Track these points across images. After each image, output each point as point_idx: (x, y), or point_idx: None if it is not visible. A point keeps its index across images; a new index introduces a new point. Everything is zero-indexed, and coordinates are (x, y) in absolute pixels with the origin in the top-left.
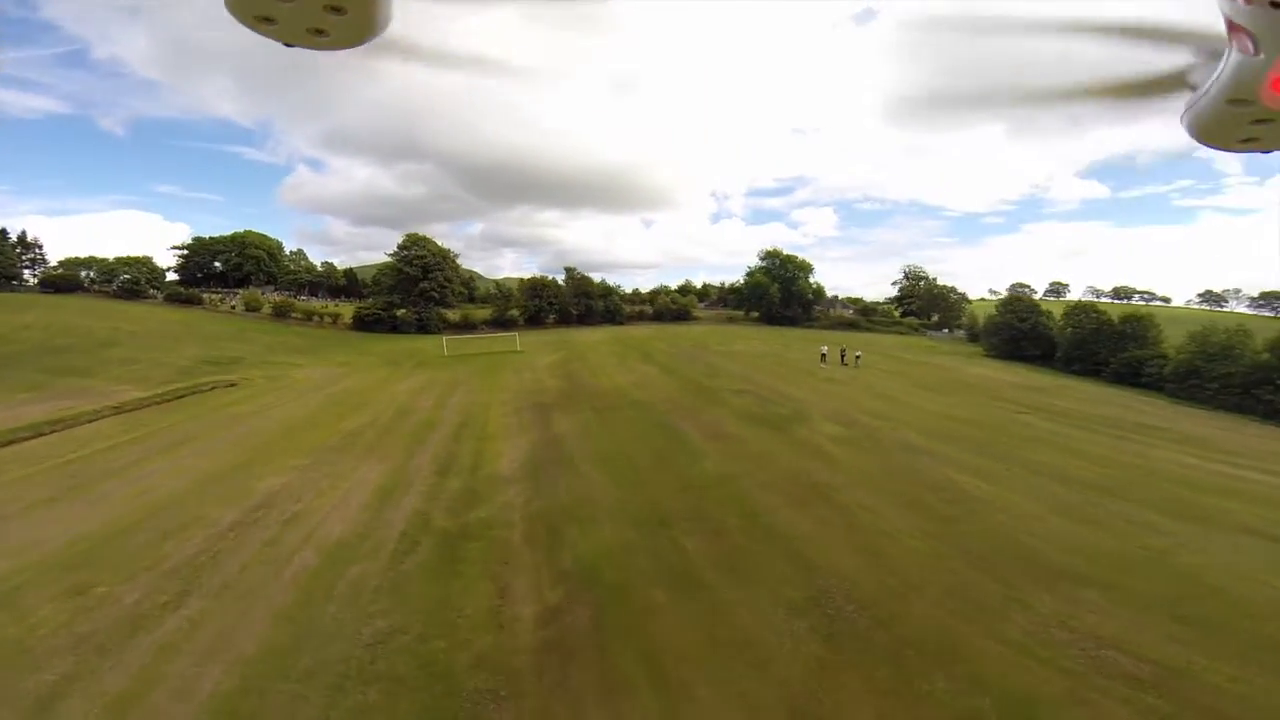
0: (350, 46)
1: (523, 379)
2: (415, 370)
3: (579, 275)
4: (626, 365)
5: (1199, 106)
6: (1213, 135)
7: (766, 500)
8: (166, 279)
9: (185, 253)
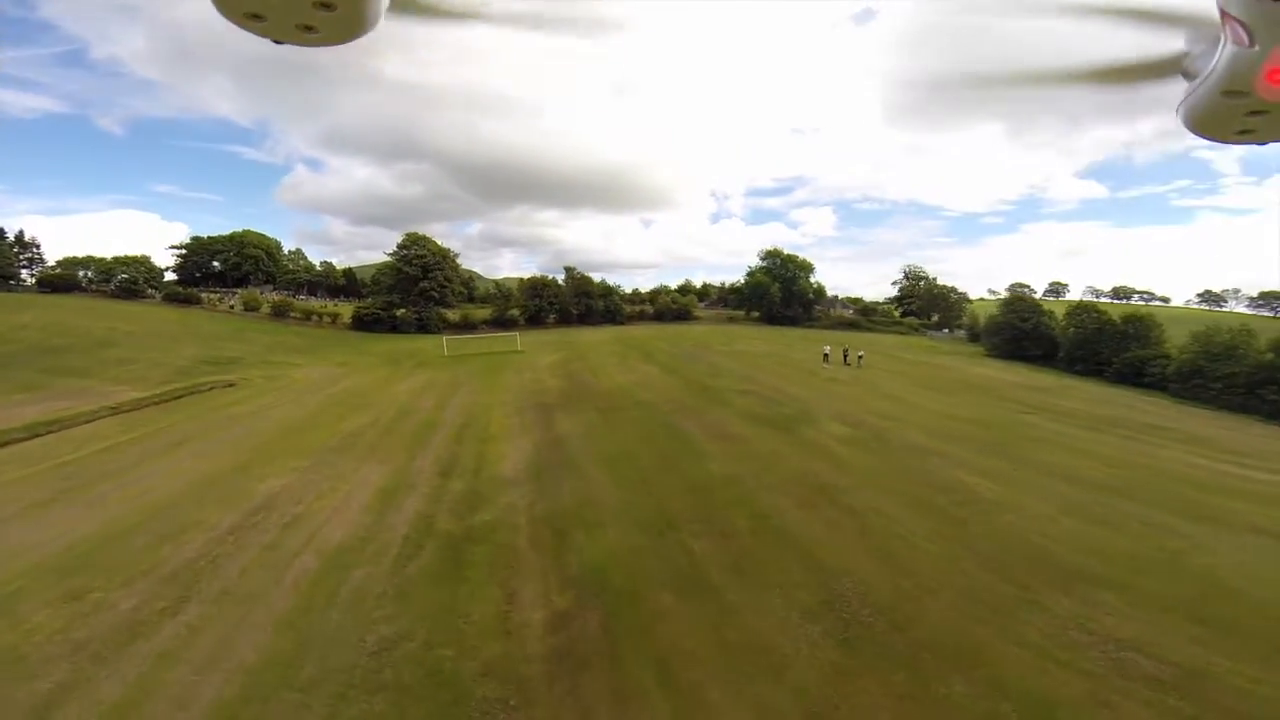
0: (340, 43)
1: (524, 379)
2: (415, 370)
3: (579, 275)
4: (628, 365)
5: (1194, 98)
6: (1208, 127)
7: (775, 502)
8: (164, 279)
9: (183, 252)
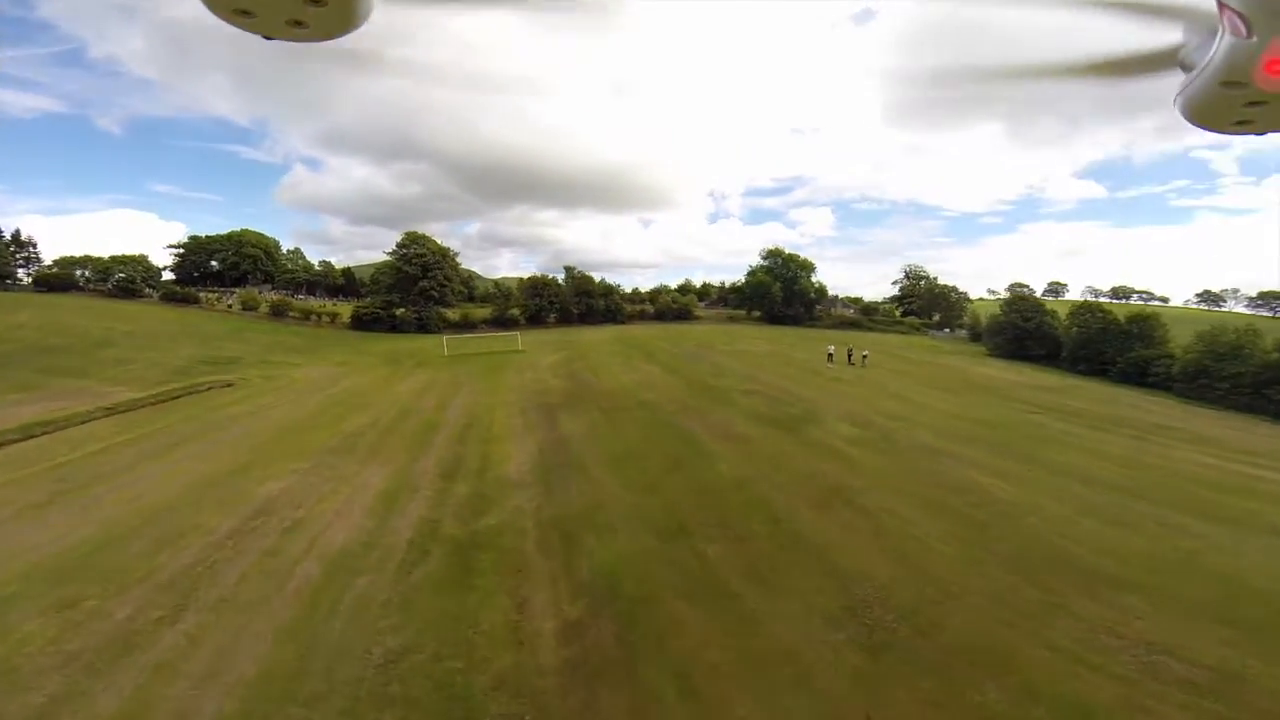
0: (331, 39)
1: (526, 379)
2: (416, 370)
3: (580, 274)
4: (631, 365)
5: (1192, 89)
6: (1206, 117)
7: (788, 504)
8: (162, 278)
9: (181, 252)
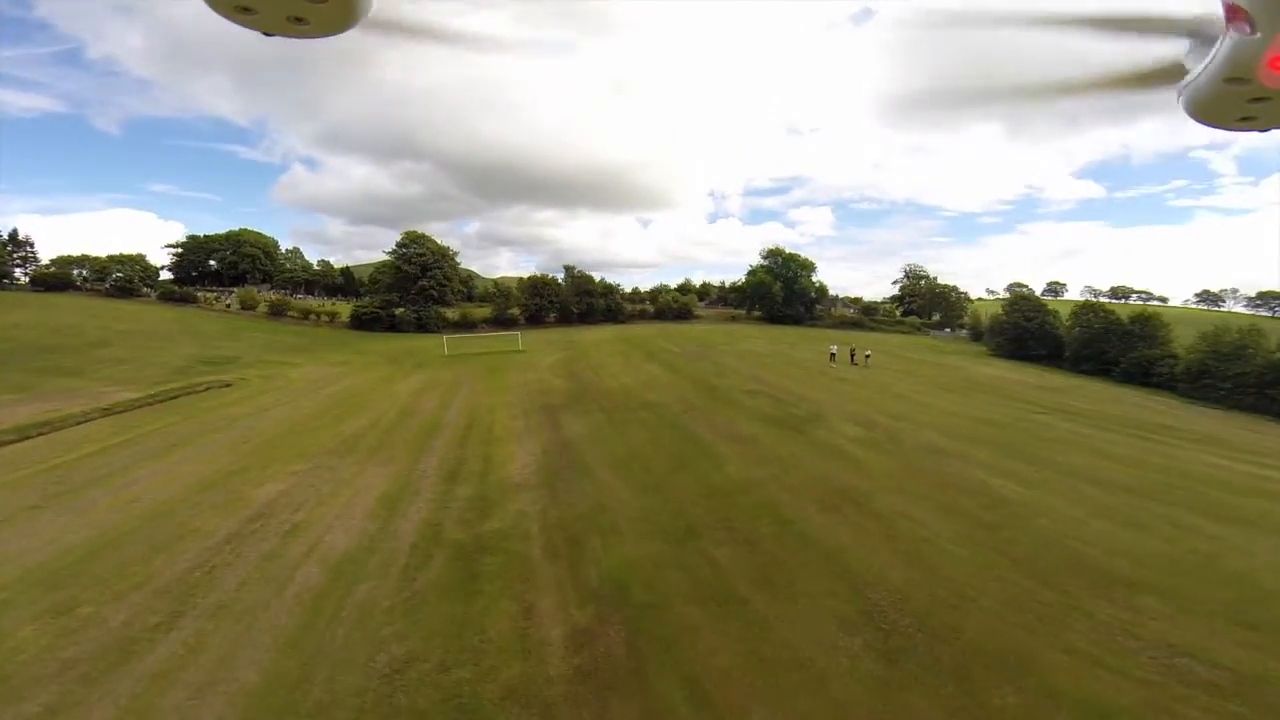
0: (330, 35)
1: (527, 379)
2: (415, 370)
3: (580, 274)
4: (633, 364)
5: (1196, 85)
6: (1210, 114)
7: (797, 507)
8: (160, 277)
9: (180, 251)
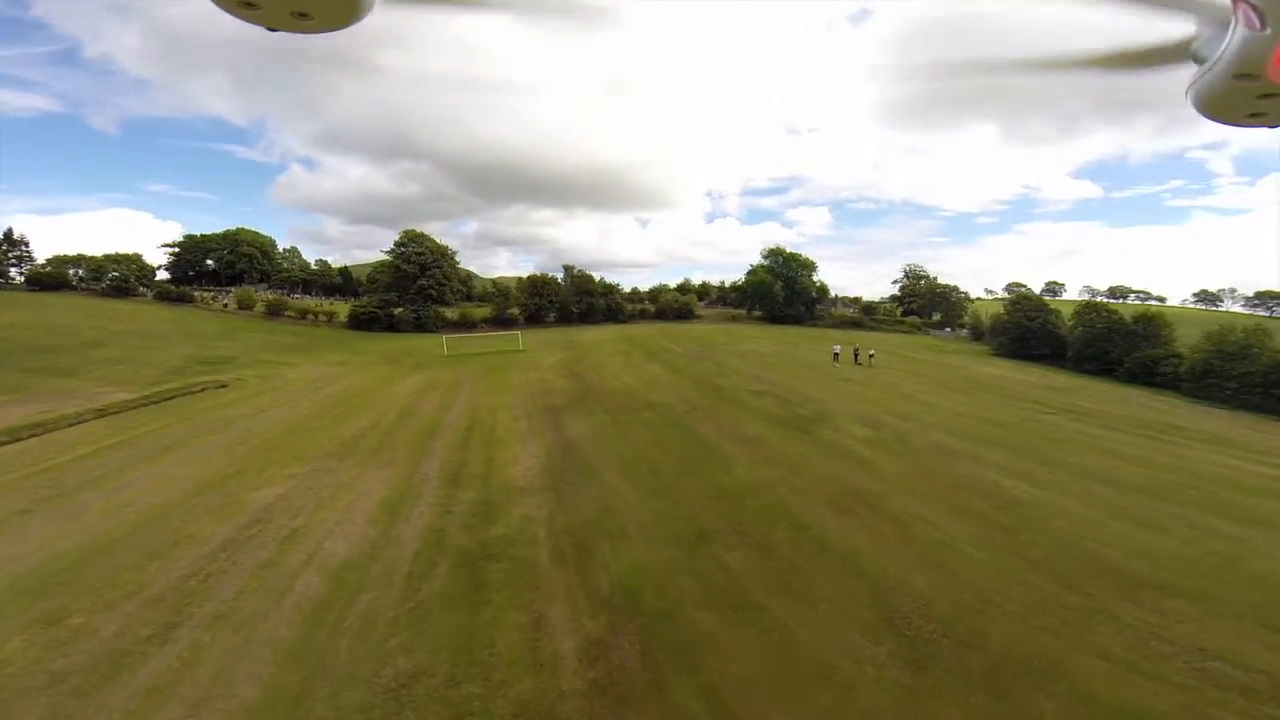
0: (335, 29)
1: (529, 379)
2: (415, 370)
3: (580, 273)
4: (635, 365)
5: (1205, 81)
6: (1219, 110)
7: (809, 510)
8: (157, 277)
9: (177, 250)
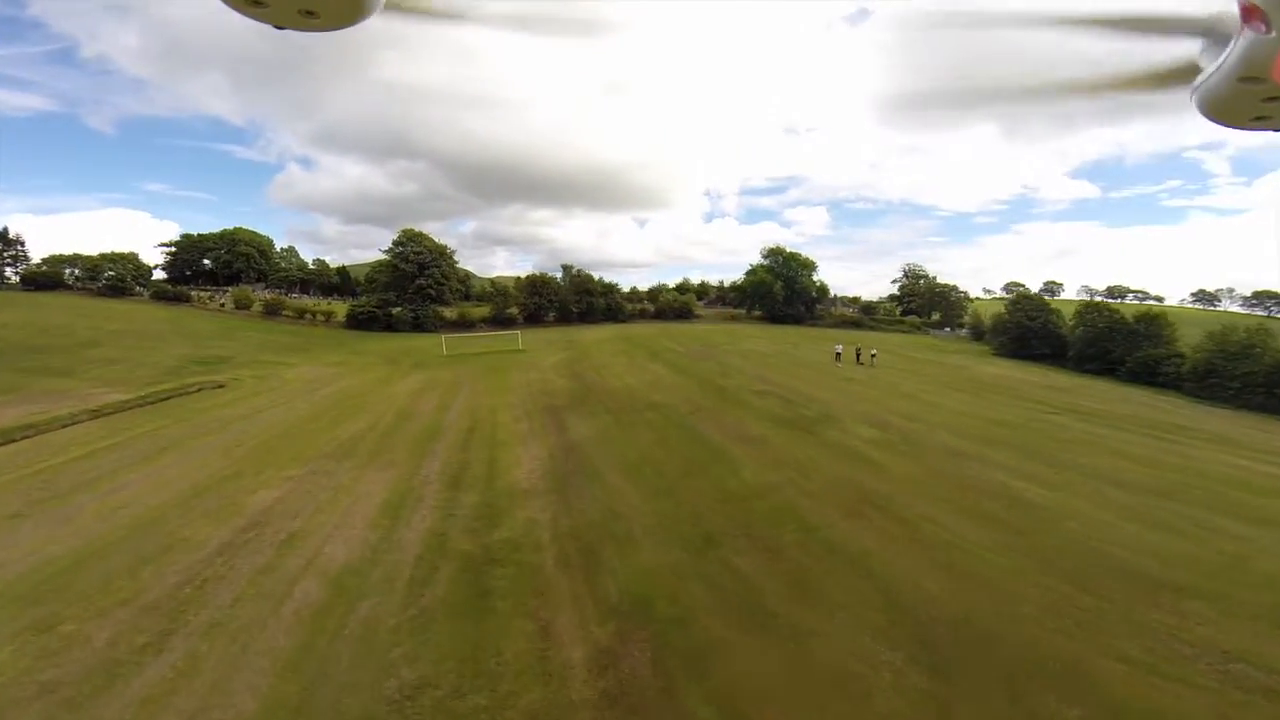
0: (341, 27)
1: (529, 379)
2: (414, 370)
3: (579, 273)
4: (636, 364)
5: (1210, 84)
6: (1224, 113)
7: (818, 512)
8: (153, 277)
9: (174, 250)
